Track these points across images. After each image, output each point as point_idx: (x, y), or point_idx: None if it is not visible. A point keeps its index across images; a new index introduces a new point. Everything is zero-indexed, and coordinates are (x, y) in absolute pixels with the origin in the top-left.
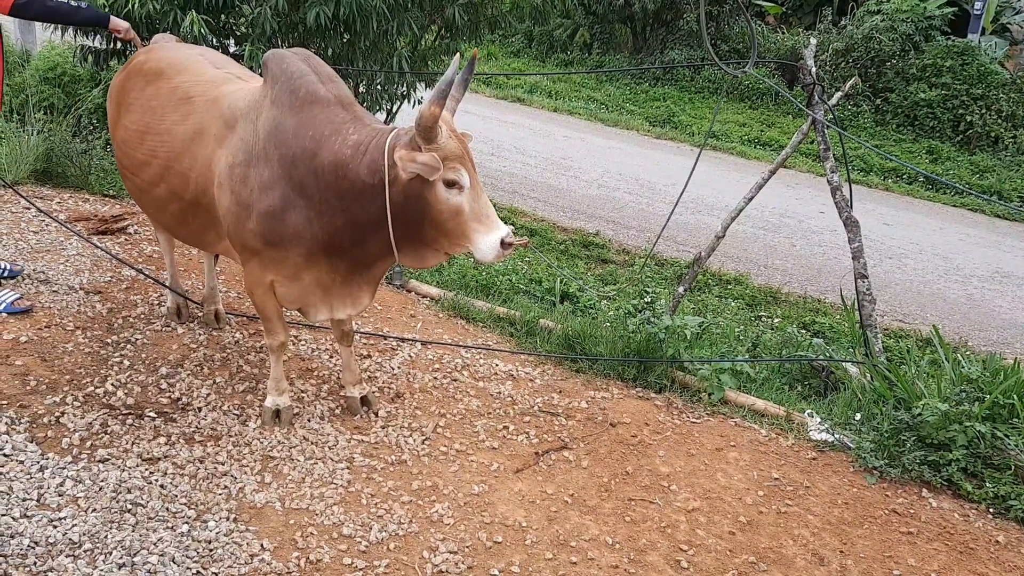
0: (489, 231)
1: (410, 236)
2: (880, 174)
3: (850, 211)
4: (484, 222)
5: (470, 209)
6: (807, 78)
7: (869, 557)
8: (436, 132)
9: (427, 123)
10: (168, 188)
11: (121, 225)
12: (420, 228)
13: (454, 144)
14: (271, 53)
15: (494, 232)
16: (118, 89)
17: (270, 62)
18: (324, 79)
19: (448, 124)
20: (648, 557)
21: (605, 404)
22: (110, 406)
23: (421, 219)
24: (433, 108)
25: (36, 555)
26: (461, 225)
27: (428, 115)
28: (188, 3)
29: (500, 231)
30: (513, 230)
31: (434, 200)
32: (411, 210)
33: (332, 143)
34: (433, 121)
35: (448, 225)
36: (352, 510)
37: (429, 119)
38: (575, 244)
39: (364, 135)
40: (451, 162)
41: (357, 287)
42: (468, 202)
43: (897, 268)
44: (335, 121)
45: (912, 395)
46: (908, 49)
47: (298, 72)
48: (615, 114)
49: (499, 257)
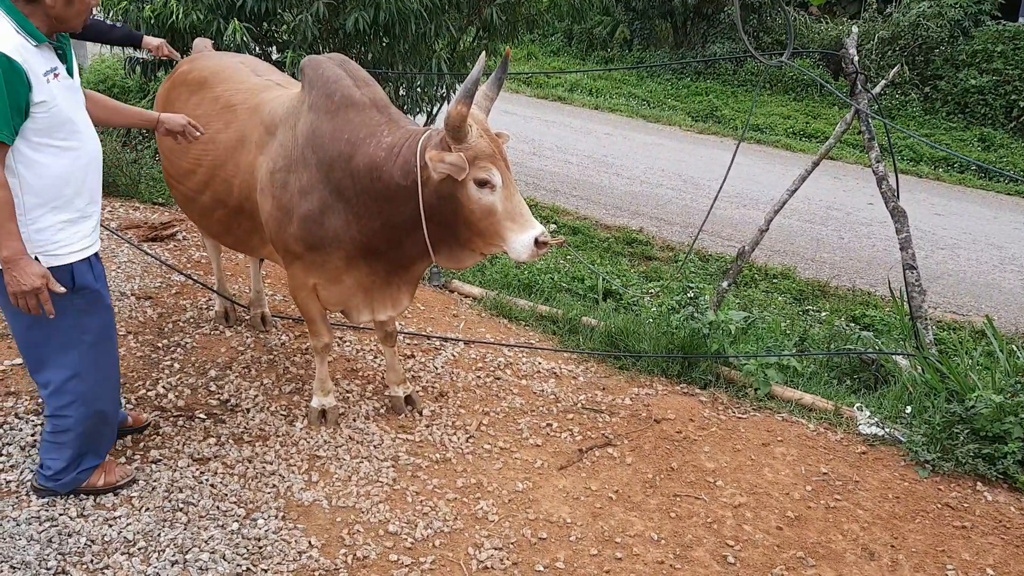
0: (523, 230)
1: (445, 237)
2: (930, 163)
3: (897, 201)
4: (518, 221)
5: (503, 208)
6: (849, 67)
7: (921, 552)
8: (465, 131)
9: (455, 123)
10: (213, 195)
11: (170, 232)
12: (454, 228)
13: (485, 143)
14: (308, 59)
15: (528, 231)
16: (164, 99)
17: (307, 68)
18: (359, 83)
19: (480, 123)
20: (694, 553)
21: (649, 401)
22: (161, 408)
23: (455, 219)
24: (460, 107)
25: (93, 553)
26: (494, 224)
27: (455, 115)
28: (231, 12)
29: (534, 230)
30: (546, 231)
31: (466, 200)
32: (444, 211)
33: (367, 146)
34: (461, 120)
35: (481, 225)
36: (398, 508)
37: (456, 119)
38: (618, 242)
39: (398, 137)
40: (482, 161)
41: (396, 288)
42: (501, 201)
43: (949, 259)
44: (370, 124)
45: (965, 387)
46: (957, 35)
47: (334, 77)
48: (657, 110)
49: (534, 256)
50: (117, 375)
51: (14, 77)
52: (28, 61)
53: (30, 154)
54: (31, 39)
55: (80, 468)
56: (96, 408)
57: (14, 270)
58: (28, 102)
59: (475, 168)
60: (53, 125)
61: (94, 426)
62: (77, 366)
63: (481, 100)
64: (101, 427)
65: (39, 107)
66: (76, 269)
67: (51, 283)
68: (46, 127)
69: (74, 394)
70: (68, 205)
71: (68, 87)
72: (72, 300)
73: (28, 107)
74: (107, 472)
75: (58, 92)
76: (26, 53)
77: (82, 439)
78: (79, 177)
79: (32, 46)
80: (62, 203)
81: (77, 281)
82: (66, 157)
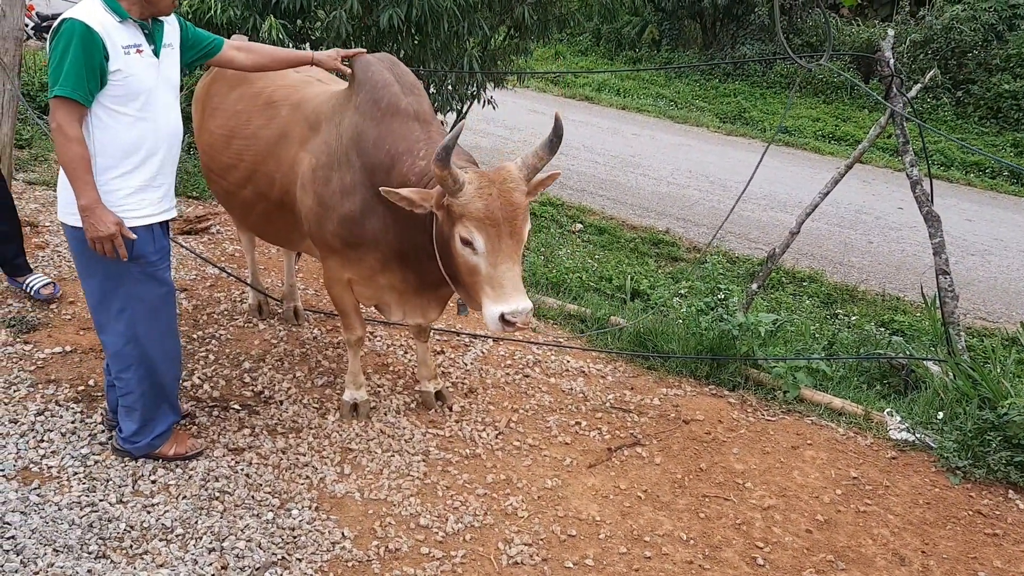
0: (494, 302)
1: (451, 273)
2: (962, 168)
3: (931, 206)
4: (496, 290)
5: (486, 272)
6: (884, 70)
7: (952, 558)
8: (453, 188)
9: (438, 181)
10: (255, 190)
11: (204, 225)
12: (453, 269)
13: (478, 205)
14: (358, 59)
15: (498, 305)
16: (203, 94)
17: (356, 68)
18: (406, 89)
19: (502, 183)
20: (723, 554)
21: (678, 401)
22: (197, 399)
23: (453, 264)
24: (435, 170)
25: (132, 539)
26: (476, 284)
27: (436, 175)
28: (267, 9)
29: (503, 306)
30: (522, 308)
31: (455, 251)
32: (444, 253)
33: (403, 163)
34: (441, 181)
35: (466, 279)
36: (428, 502)
37: (438, 179)
38: (644, 242)
39: (428, 165)
40: (469, 221)
41: (427, 301)
42: (485, 264)
43: (980, 265)
44: (410, 139)
45: (998, 394)
46: (991, 39)
47: (382, 82)
48: (685, 111)
49: (499, 331)
50: (174, 349)
51: (91, 44)
52: (110, 34)
53: (105, 119)
54: (115, 15)
55: (154, 434)
56: (151, 375)
57: (91, 217)
58: (105, 69)
59: (460, 225)
60: (128, 94)
61: (152, 392)
62: (131, 332)
63: (531, 160)
64: (159, 395)
65: (115, 75)
66: (139, 235)
67: (124, 230)
68: (122, 95)
69: (130, 358)
70: (136, 173)
71: (150, 64)
72: (129, 268)
73: (105, 74)
74: (178, 443)
75: (137, 65)
76: (109, 27)
77: (144, 403)
78: (150, 148)
79: (116, 22)
80: (131, 169)
81: (136, 248)
82: (139, 127)
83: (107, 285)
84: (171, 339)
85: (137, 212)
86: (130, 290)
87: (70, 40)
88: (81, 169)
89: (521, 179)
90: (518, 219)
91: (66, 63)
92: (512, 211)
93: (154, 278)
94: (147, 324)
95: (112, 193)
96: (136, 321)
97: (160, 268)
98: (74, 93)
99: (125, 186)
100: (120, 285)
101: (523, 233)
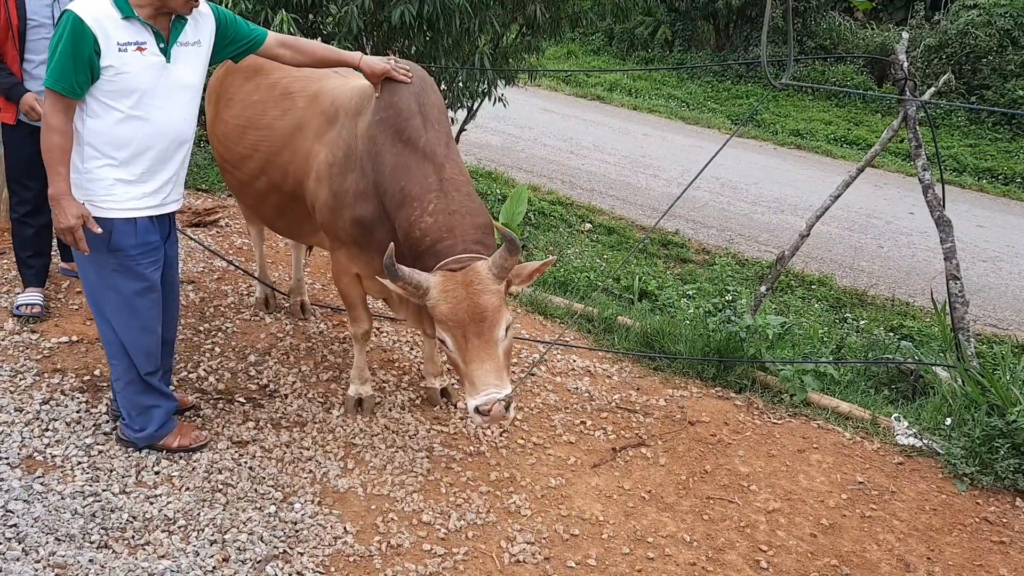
0: (468, 395)
1: None
2: (974, 174)
3: (942, 210)
4: (469, 384)
5: (461, 367)
6: (899, 73)
7: (958, 565)
8: (414, 293)
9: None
10: (269, 181)
11: (213, 218)
12: None
13: (443, 308)
14: (388, 83)
15: (472, 398)
16: (218, 85)
17: (386, 87)
18: (428, 124)
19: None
20: (727, 556)
21: (683, 402)
22: (202, 391)
23: None
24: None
25: (134, 529)
26: (458, 373)
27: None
28: (278, 3)
29: (476, 400)
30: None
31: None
32: None
33: (412, 209)
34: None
35: (452, 367)
36: (431, 498)
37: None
38: (654, 243)
39: (433, 228)
40: (437, 322)
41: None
42: (458, 361)
43: (991, 271)
44: (423, 184)
45: (1007, 401)
46: (1006, 44)
47: (407, 112)
48: (696, 112)
49: (474, 422)
50: (151, 346)
51: (80, 38)
52: (105, 29)
53: (97, 110)
54: (119, 11)
55: (156, 425)
56: (133, 366)
57: (56, 208)
58: (95, 64)
59: (435, 322)
60: (120, 91)
61: (135, 385)
62: (109, 322)
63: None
64: (144, 387)
65: (107, 71)
66: (117, 227)
67: (89, 223)
68: (113, 91)
69: (112, 348)
70: (124, 167)
71: (152, 64)
72: (106, 259)
73: (96, 68)
74: (182, 435)
75: (133, 64)
76: (106, 22)
77: (128, 392)
78: (141, 145)
79: (119, 18)
80: (118, 163)
81: (114, 240)
82: (130, 124)
83: (92, 274)
84: (148, 336)
85: (118, 204)
86: (107, 280)
87: (63, 32)
88: (56, 160)
89: (491, 279)
90: (485, 321)
91: (56, 54)
92: (479, 313)
93: (131, 272)
94: (122, 317)
95: (95, 181)
96: (112, 312)
97: (140, 263)
98: (57, 84)
99: (109, 176)
100: (100, 276)
101: (493, 333)
